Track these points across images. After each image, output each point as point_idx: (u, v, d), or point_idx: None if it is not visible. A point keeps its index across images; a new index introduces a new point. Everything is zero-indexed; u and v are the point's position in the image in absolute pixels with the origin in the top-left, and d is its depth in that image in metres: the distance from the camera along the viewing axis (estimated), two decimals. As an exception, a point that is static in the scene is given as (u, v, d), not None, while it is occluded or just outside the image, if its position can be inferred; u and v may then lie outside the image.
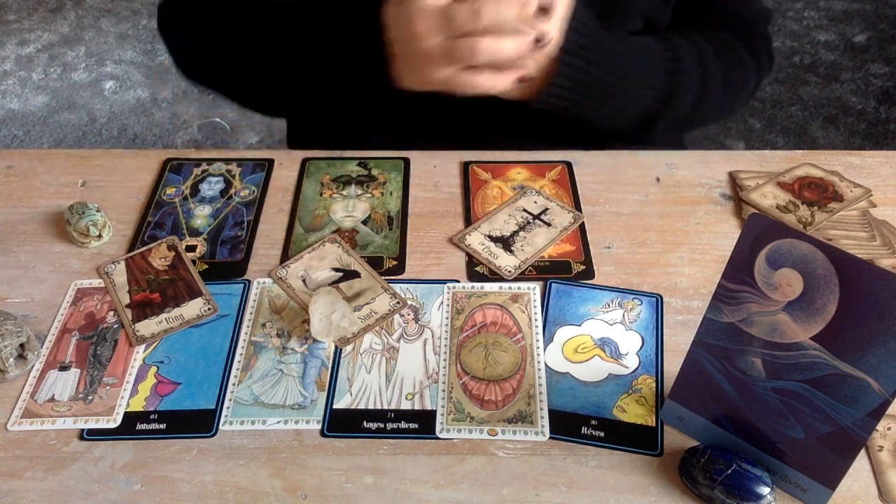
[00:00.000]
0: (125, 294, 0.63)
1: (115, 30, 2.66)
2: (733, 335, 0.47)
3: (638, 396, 0.55)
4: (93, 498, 0.50)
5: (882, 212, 0.69)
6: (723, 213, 0.70)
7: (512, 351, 0.58)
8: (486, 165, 0.75)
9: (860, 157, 0.76)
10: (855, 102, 2.24)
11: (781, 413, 0.47)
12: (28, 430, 0.54)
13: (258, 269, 0.65)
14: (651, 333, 0.59)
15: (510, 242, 0.67)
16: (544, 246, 0.66)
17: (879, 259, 0.65)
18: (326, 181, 0.74)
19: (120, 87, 2.40)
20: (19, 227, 0.70)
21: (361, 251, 0.67)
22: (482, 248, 0.66)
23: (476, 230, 0.68)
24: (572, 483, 0.50)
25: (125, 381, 0.56)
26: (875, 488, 0.49)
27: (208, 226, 0.70)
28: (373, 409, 0.54)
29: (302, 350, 0.58)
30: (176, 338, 0.60)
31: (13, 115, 2.29)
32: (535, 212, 0.69)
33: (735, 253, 0.45)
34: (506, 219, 0.69)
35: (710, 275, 0.64)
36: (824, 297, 0.42)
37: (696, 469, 0.49)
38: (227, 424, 0.54)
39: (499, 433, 0.53)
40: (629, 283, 0.63)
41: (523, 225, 0.68)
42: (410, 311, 0.61)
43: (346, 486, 0.50)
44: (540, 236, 0.67)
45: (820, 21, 2.59)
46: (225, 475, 0.51)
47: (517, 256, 0.65)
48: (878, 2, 2.65)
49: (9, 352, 0.56)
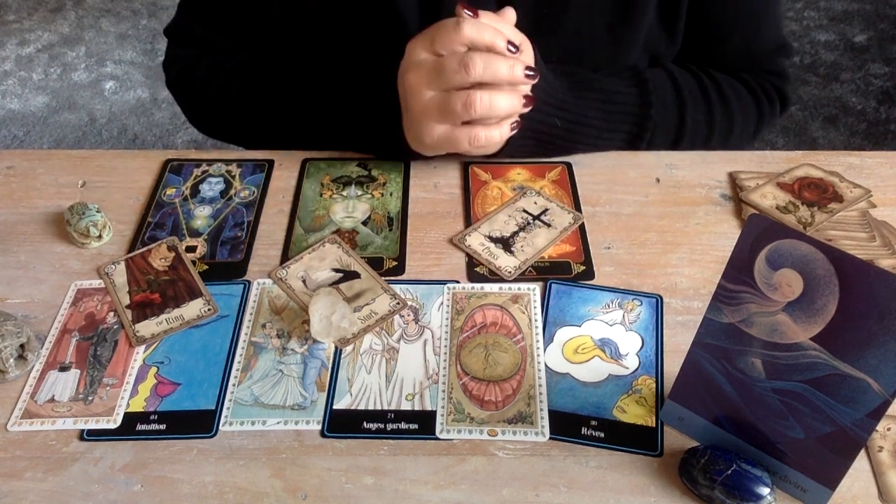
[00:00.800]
0: (125, 294, 0.63)
1: (115, 30, 2.66)
2: (733, 335, 0.47)
3: (638, 397, 0.55)
4: (93, 498, 0.50)
5: (882, 212, 0.69)
6: (723, 214, 0.70)
7: (512, 351, 0.58)
8: (486, 166, 0.75)
9: (860, 157, 0.76)
10: (855, 102, 2.24)
11: (781, 413, 0.47)
12: (28, 430, 0.54)
13: (258, 270, 0.65)
14: (651, 334, 0.59)
15: (510, 243, 0.66)
16: (544, 246, 0.66)
17: (879, 259, 0.65)
18: (326, 182, 0.74)
19: (120, 87, 2.40)
20: (19, 227, 0.70)
21: (361, 252, 0.67)
22: (482, 249, 0.66)
23: (476, 231, 0.68)
24: (572, 483, 0.50)
25: (125, 382, 0.56)
26: (875, 488, 0.49)
27: (208, 226, 0.70)
28: (373, 409, 0.54)
29: (302, 351, 0.58)
30: (176, 338, 0.60)
31: (13, 115, 2.29)
32: (535, 212, 0.69)
33: (735, 253, 0.45)
34: (506, 219, 0.69)
35: (710, 275, 0.64)
36: (824, 298, 0.42)
37: (696, 469, 0.49)
38: (227, 425, 0.54)
39: (499, 434, 0.53)
40: (629, 283, 0.63)
41: (523, 225, 0.68)
42: (410, 312, 0.61)
43: (346, 486, 0.50)
44: (540, 237, 0.67)
45: (820, 21, 2.59)
46: (225, 476, 0.51)
47: (517, 257, 0.65)
48: (878, 2, 2.65)
49: (9, 352, 0.56)
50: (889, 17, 2.58)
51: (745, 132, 0.82)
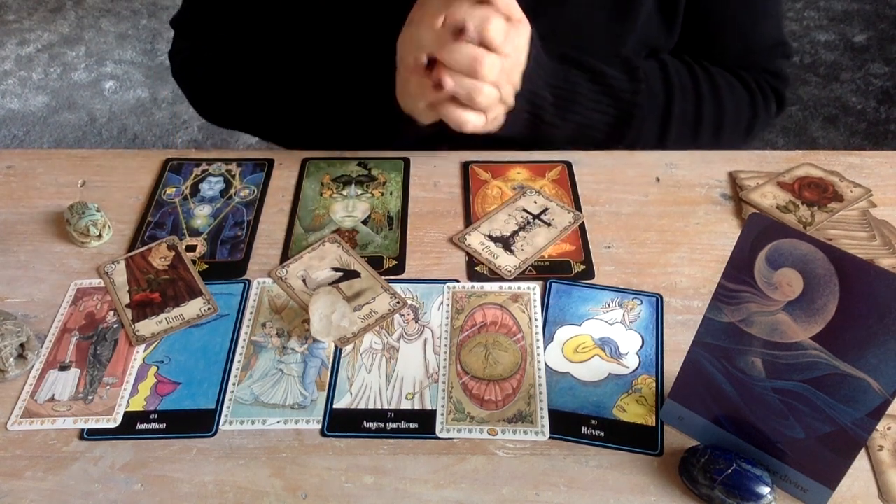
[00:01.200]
0: (125, 294, 0.63)
1: (115, 30, 2.66)
2: (733, 335, 0.47)
3: (638, 396, 0.55)
4: (93, 498, 0.50)
5: (882, 212, 0.69)
6: (723, 213, 0.70)
7: (512, 351, 0.58)
8: (486, 165, 0.75)
9: (860, 157, 0.76)
10: (855, 102, 2.24)
11: (781, 413, 0.47)
12: (28, 429, 0.54)
13: (258, 269, 0.65)
14: (651, 333, 0.59)
15: (510, 242, 0.66)
16: (544, 246, 0.66)
17: (879, 259, 0.65)
18: (326, 181, 0.74)
19: (120, 87, 2.40)
20: (19, 227, 0.70)
21: (361, 251, 0.67)
22: (482, 248, 0.66)
23: (476, 230, 0.68)
24: (572, 483, 0.50)
25: (125, 381, 0.56)
26: (875, 488, 0.49)
27: (208, 226, 0.70)
28: (373, 408, 0.54)
29: (302, 350, 0.58)
30: (176, 338, 0.60)
31: (13, 115, 2.29)
32: (535, 211, 0.69)
33: (735, 253, 0.45)
34: (506, 219, 0.69)
35: (710, 275, 0.64)
36: (824, 297, 0.42)
37: (696, 469, 0.49)
38: (227, 424, 0.54)
39: (499, 433, 0.53)
40: (629, 282, 0.63)
41: (523, 225, 0.68)
42: (410, 311, 0.61)
43: (346, 485, 0.50)
44: (540, 236, 0.67)
45: (820, 21, 2.59)
46: (225, 475, 0.51)
47: (517, 256, 0.65)
48: (878, 2, 2.65)
49: (9, 352, 0.56)
50: (889, 17, 2.58)
51: (738, 127, 0.82)
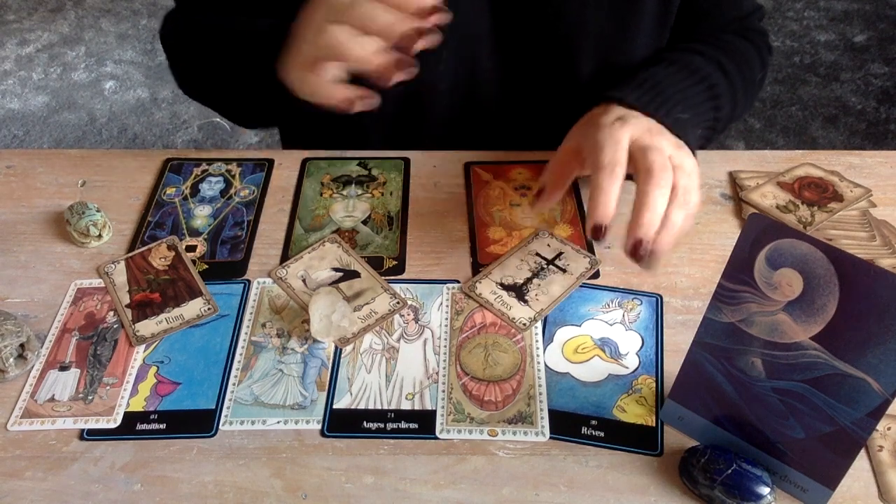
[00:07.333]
0: (125, 294, 0.63)
1: (115, 30, 2.66)
2: (733, 335, 0.47)
3: (638, 396, 0.55)
4: (93, 498, 0.50)
5: (882, 212, 0.69)
6: (723, 213, 0.70)
7: (512, 351, 0.58)
8: (487, 166, 0.75)
9: (860, 157, 0.76)
10: (855, 102, 2.24)
11: (781, 413, 0.47)
12: (28, 430, 0.54)
13: (258, 269, 0.65)
14: (651, 333, 0.59)
15: (524, 291, 0.62)
16: (560, 295, 0.62)
17: (879, 259, 0.65)
18: (326, 181, 0.74)
19: (120, 87, 2.40)
20: (19, 227, 0.70)
21: (361, 251, 0.67)
22: (494, 298, 0.62)
23: (486, 277, 0.63)
24: (572, 483, 0.50)
25: (125, 381, 0.56)
26: (875, 488, 0.49)
27: (208, 226, 0.70)
28: (373, 409, 0.54)
29: (302, 350, 0.58)
30: (176, 338, 0.60)
31: (13, 115, 2.29)
32: (549, 256, 0.65)
33: (735, 253, 0.45)
34: (518, 264, 0.65)
35: (710, 275, 0.64)
36: (824, 297, 0.42)
37: (696, 469, 0.49)
38: (227, 424, 0.54)
39: (499, 433, 0.53)
40: (629, 283, 0.63)
41: (536, 271, 0.64)
42: (410, 312, 0.61)
43: (346, 486, 0.50)
44: (555, 284, 0.63)
45: (820, 21, 2.59)
46: (225, 475, 0.51)
47: (532, 307, 0.61)
48: (878, 2, 2.65)
49: (9, 352, 0.56)
50: (889, 17, 2.58)
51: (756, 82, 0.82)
